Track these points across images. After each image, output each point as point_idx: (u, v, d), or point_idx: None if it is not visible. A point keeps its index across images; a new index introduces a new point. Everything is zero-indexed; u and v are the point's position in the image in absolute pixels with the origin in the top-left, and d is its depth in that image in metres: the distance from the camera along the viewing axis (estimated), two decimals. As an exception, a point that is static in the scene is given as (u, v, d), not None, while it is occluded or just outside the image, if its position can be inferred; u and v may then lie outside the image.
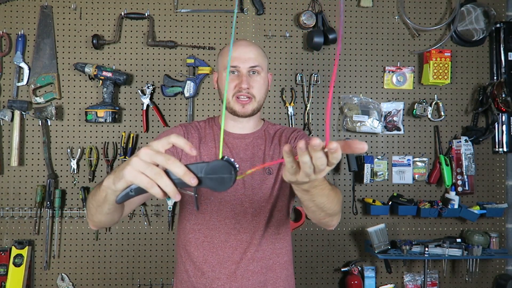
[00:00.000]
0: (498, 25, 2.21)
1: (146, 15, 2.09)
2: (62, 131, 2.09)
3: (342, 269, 2.15)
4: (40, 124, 2.05)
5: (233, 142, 1.30)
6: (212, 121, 1.37)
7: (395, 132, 2.19)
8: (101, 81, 2.03)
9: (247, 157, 1.28)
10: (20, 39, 2.05)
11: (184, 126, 1.33)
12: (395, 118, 2.18)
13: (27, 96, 2.07)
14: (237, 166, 0.73)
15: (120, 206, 0.97)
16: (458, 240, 2.11)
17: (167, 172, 0.71)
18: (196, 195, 0.78)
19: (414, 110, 2.17)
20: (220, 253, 1.24)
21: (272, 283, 1.27)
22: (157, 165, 0.71)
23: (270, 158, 1.28)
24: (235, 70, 1.27)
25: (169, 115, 2.12)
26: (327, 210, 0.99)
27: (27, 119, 2.07)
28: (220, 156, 0.73)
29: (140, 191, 0.74)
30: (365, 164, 2.12)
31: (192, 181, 0.69)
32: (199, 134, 1.32)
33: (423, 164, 2.20)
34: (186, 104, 2.13)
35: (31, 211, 2.05)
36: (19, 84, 2.06)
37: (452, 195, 2.14)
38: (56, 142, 2.08)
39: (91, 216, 1.02)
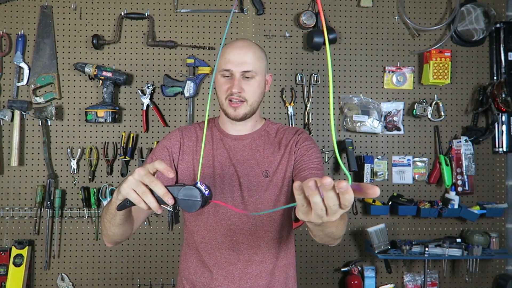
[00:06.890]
0: (498, 25, 2.21)
1: (146, 15, 2.09)
2: (62, 131, 2.09)
3: (342, 269, 2.15)
4: (40, 124, 2.05)
5: (230, 144, 1.30)
6: (212, 123, 1.37)
7: (395, 132, 2.19)
8: (101, 81, 2.03)
9: (244, 158, 1.27)
10: (20, 39, 2.05)
11: (181, 130, 1.34)
12: (395, 118, 2.18)
13: (27, 96, 2.07)
14: (206, 192, 0.88)
15: (130, 218, 1.09)
16: (458, 240, 2.11)
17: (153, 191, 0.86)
18: (176, 211, 0.94)
19: (414, 110, 2.17)
20: (217, 254, 1.25)
21: (271, 287, 1.27)
22: (147, 185, 0.86)
23: (267, 160, 1.27)
24: (228, 73, 1.25)
25: (169, 115, 2.12)
26: (334, 237, 1.05)
27: (27, 119, 2.07)
28: (198, 180, 0.89)
29: (133, 203, 0.90)
30: (365, 164, 2.12)
31: (169, 201, 0.85)
32: (197, 137, 1.32)
33: (423, 164, 2.20)
34: (186, 104, 2.13)
35: (31, 211, 2.05)
36: (19, 84, 2.06)
37: (452, 195, 2.14)
38: (56, 142, 2.08)
39: (106, 231, 1.11)
